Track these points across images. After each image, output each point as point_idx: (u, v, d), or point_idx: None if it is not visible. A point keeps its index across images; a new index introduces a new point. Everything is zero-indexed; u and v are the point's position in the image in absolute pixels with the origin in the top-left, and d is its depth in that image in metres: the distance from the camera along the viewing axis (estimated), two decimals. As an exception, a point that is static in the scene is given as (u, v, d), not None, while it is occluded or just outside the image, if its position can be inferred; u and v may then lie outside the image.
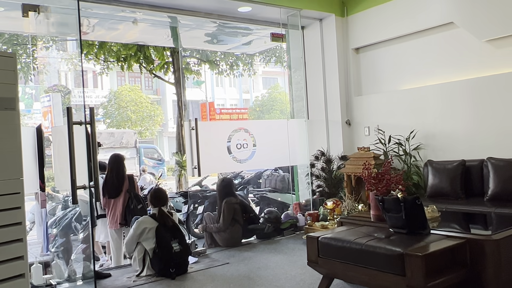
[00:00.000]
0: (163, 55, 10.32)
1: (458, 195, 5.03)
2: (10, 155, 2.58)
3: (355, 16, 6.67)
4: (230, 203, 5.69)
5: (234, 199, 5.77)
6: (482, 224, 4.23)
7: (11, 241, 2.54)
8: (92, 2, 5.22)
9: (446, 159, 5.41)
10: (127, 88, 23.37)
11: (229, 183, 6.03)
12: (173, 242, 4.59)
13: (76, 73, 17.29)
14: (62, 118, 6.02)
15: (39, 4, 4.76)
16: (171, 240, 4.60)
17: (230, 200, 5.72)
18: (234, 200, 5.77)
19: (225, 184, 5.96)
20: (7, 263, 2.51)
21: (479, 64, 5.36)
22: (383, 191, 3.75)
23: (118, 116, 22.51)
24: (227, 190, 5.87)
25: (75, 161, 3.66)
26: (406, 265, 3.01)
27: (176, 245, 4.60)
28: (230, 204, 5.68)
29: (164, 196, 4.91)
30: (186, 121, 5.65)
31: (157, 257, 4.53)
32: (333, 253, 3.54)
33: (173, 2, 5.66)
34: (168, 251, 4.54)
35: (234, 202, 5.74)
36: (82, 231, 6.17)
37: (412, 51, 6.09)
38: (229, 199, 5.73)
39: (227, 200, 5.71)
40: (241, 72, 13.82)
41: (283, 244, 5.63)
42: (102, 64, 11.01)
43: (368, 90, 6.70)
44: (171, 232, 4.67)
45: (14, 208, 2.56)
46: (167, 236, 4.60)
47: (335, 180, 6.42)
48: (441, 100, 5.69)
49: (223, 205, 5.68)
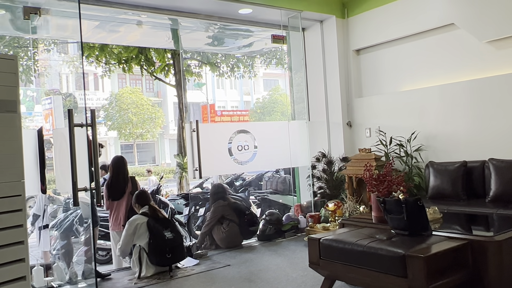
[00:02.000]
0: (164, 57, 10.34)
1: (460, 196, 5.02)
2: (11, 158, 2.58)
3: (356, 17, 6.68)
4: (218, 206, 5.87)
5: (222, 202, 5.93)
6: (484, 226, 4.22)
7: (13, 244, 2.54)
8: (93, 5, 5.22)
9: (447, 160, 5.40)
10: (128, 90, 23.42)
11: (220, 189, 6.21)
12: (165, 231, 4.78)
13: (77, 76, 17.31)
14: (63, 121, 6.02)
15: (40, 7, 4.78)
16: (164, 230, 4.77)
17: (218, 203, 5.91)
18: (223, 202, 5.92)
19: (216, 190, 6.18)
20: (8, 265, 2.50)
21: (480, 65, 5.36)
22: (385, 193, 3.74)
23: (119, 118, 22.55)
24: (217, 195, 6.04)
25: (76, 163, 3.66)
26: (408, 266, 3.01)
27: (169, 233, 4.79)
28: (217, 207, 5.87)
29: (148, 195, 5.16)
30: (187, 123, 5.65)
31: (153, 248, 4.65)
32: (335, 255, 3.53)
33: (174, 4, 5.66)
34: (162, 239, 4.70)
35: (222, 205, 5.88)
36: (83, 233, 6.17)
37: (413, 53, 6.09)
38: (218, 202, 5.92)
39: (216, 203, 5.92)
40: (242, 74, 13.83)
41: (285, 246, 5.63)
42: (103, 66, 11.03)
43: (369, 92, 6.70)
44: (162, 223, 4.84)
45: (15, 211, 2.56)
46: (159, 226, 4.77)
47: (336, 181, 6.41)
48: (442, 101, 5.68)
49: (211, 208, 5.92)
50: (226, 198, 6.04)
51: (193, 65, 13.01)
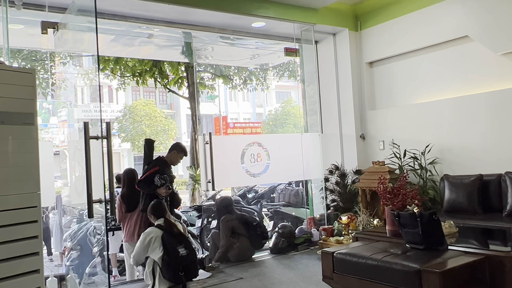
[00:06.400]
0: (177, 70, 10.44)
1: (476, 210, 4.94)
2: (28, 169, 2.61)
3: (369, 30, 6.68)
4: (226, 221, 5.81)
5: (230, 216, 5.88)
6: (501, 240, 4.14)
7: (28, 255, 2.56)
8: (109, 19, 5.32)
9: (462, 173, 5.33)
10: (141, 102, 23.63)
11: (227, 203, 6.16)
12: (179, 247, 4.71)
13: (92, 88, 17.56)
14: (78, 133, 6.10)
15: (58, 22, 4.88)
16: (177, 246, 4.71)
17: (226, 217, 5.85)
18: (230, 216, 5.87)
19: (222, 203, 6.12)
20: (23, 276, 2.52)
21: (495, 78, 5.31)
22: (399, 206, 3.71)
23: (132, 130, 22.74)
24: (224, 209, 6.00)
25: (91, 175, 3.69)
26: (423, 281, 2.96)
27: (183, 249, 4.72)
28: (226, 222, 5.80)
29: (164, 207, 5.07)
30: (200, 135, 5.68)
31: (166, 264, 4.60)
32: (349, 268, 3.49)
33: (188, 18, 5.74)
34: (175, 256, 4.64)
35: (230, 219, 5.83)
36: (96, 244, 6.20)
37: (427, 65, 6.06)
38: (225, 217, 5.86)
39: (223, 218, 5.85)
40: (255, 87, 13.89)
41: (297, 260, 5.58)
42: (118, 79, 11.17)
43: (382, 104, 6.67)
44: (177, 238, 4.79)
45: (31, 222, 2.59)
46: (173, 242, 4.72)
47: (349, 194, 6.36)
48: (457, 114, 5.63)
49: (220, 224, 5.85)
50: (233, 212, 6.02)
51: (206, 77, 13.11)
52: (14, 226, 2.50)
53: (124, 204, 5.35)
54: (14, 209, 2.52)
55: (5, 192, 2.49)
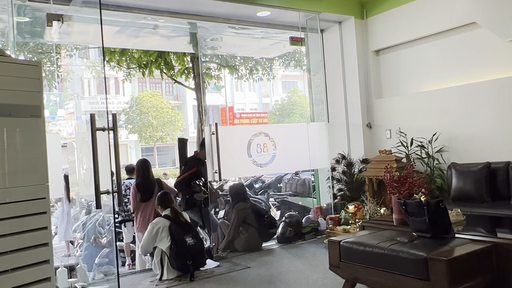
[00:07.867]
0: (183, 61, 10.41)
1: (483, 198, 4.92)
2: (36, 161, 2.64)
3: (375, 18, 6.62)
4: (240, 209, 5.77)
5: (244, 204, 5.85)
6: (508, 228, 4.13)
7: (37, 245, 2.60)
8: (113, 11, 5.31)
9: (470, 161, 5.30)
10: (148, 94, 23.68)
11: (240, 189, 6.15)
12: (186, 236, 4.78)
13: (98, 80, 17.60)
14: (85, 124, 6.14)
15: (63, 14, 4.88)
16: (185, 235, 4.77)
17: (239, 206, 5.82)
18: (244, 205, 5.84)
19: (236, 190, 6.11)
20: (33, 267, 2.56)
21: (503, 64, 5.25)
22: (406, 195, 3.70)
23: (139, 121, 22.83)
24: (238, 196, 5.98)
25: (98, 167, 3.72)
26: (430, 269, 2.96)
27: (190, 239, 4.79)
28: (239, 210, 5.77)
29: (171, 197, 5.16)
30: (206, 126, 5.69)
31: (174, 253, 4.67)
32: (355, 257, 3.50)
33: (193, 9, 5.72)
34: (183, 245, 4.71)
35: (244, 208, 5.80)
36: (105, 235, 6.27)
37: (434, 52, 6.01)
38: (239, 205, 5.82)
39: (237, 206, 5.82)
40: (261, 77, 13.84)
41: (304, 249, 5.60)
42: (124, 71, 11.18)
43: (389, 93, 6.63)
44: (184, 227, 4.84)
45: (40, 213, 2.62)
46: (180, 231, 4.78)
47: (356, 183, 6.36)
48: (464, 102, 5.59)
49: (233, 211, 5.82)
50: (248, 200, 6.01)
51: (212, 68, 13.07)
52: (23, 218, 2.54)
53: (139, 193, 5.41)
54: (23, 200, 2.55)
55: (14, 184, 2.52)
